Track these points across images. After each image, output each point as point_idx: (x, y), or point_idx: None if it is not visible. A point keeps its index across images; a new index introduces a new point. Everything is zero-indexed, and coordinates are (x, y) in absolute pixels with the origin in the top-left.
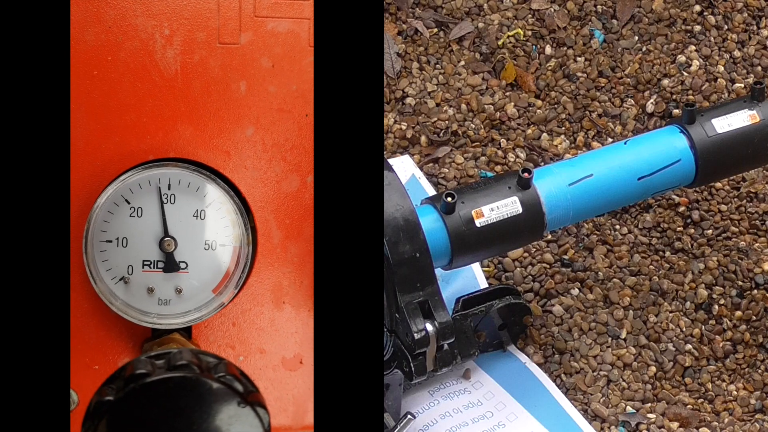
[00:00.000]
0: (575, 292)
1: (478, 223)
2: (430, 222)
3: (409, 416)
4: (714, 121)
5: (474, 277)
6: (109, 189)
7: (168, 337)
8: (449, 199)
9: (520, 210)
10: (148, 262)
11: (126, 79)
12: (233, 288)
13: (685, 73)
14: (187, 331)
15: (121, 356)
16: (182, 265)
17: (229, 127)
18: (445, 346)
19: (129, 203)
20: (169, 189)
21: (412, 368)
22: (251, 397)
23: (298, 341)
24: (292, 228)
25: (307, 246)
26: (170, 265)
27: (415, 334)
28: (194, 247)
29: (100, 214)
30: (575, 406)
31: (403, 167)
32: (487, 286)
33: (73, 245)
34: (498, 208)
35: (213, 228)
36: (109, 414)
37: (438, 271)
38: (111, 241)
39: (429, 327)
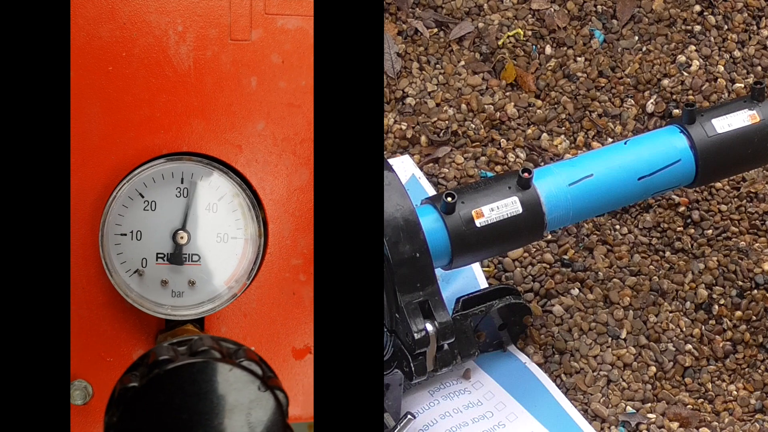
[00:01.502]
0: (575, 292)
1: (478, 223)
2: (430, 222)
3: (409, 416)
4: (714, 121)
5: (474, 277)
6: (123, 183)
7: (181, 329)
8: (449, 199)
9: (520, 210)
10: (162, 255)
11: (140, 75)
12: (245, 279)
13: (685, 73)
14: (199, 322)
15: (135, 348)
16: (195, 258)
17: (241, 122)
18: (445, 346)
19: (143, 197)
20: (182, 183)
21: (412, 368)
22: (270, 382)
23: (307, 332)
24: (302, 220)
25: None
26: (176, 257)
27: (415, 334)
28: (207, 240)
29: (114, 207)
30: (575, 406)
31: (403, 167)
32: (487, 286)
33: (90, 239)
34: (498, 208)
35: (225, 221)
36: (133, 400)
37: (438, 271)
38: (125, 235)
39: (429, 327)
